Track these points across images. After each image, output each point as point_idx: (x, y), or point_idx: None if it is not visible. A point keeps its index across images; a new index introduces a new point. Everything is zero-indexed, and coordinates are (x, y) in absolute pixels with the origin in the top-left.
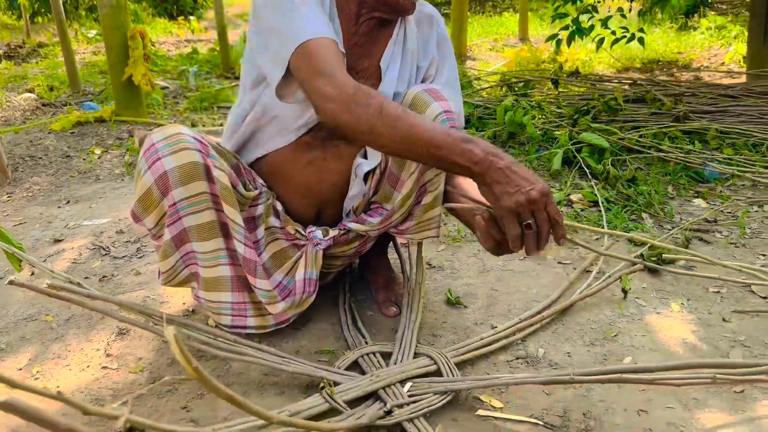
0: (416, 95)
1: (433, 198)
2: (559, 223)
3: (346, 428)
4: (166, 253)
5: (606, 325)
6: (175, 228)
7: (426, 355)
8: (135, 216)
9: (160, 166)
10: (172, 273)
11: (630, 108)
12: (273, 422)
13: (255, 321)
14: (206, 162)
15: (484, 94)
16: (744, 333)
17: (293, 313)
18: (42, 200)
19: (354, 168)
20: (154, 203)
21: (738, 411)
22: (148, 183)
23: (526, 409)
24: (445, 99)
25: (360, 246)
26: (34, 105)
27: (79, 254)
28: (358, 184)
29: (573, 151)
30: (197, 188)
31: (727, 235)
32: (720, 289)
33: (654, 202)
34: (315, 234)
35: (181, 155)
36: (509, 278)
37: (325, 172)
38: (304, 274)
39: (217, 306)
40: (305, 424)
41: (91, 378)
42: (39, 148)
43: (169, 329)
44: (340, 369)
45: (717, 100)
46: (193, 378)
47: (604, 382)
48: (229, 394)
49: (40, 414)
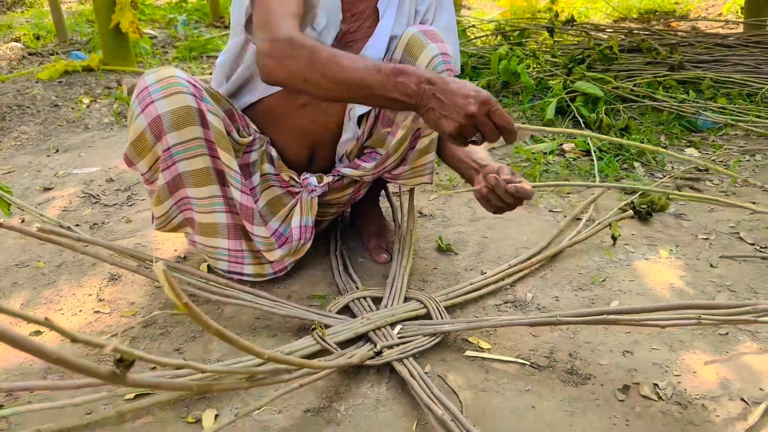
0: (413, 36)
1: (427, 142)
2: (507, 129)
3: (336, 367)
4: (159, 198)
5: (594, 271)
6: (169, 173)
7: (416, 299)
8: (128, 160)
9: (154, 109)
10: (166, 218)
11: (625, 57)
12: (265, 359)
13: (252, 269)
14: (200, 107)
15: (479, 43)
16: (731, 278)
17: (290, 261)
18: (30, 149)
19: (348, 110)
20: (148, 147)
21: (722, 352)
22: (142, 127)
23: (513, 350)
24: (443, 41)
25: (354, 193)
26: (20, 54)
27: (70, 202)
28: (352, 128)
29: (567, 100)
30: (191, 133)
31: (717, 184)
32: (709, 236)
33: (646, 151)
34: (309, 181)
35: (175, 99)
36: (500, 226)
37: (319, 114)
38: (299, 221)
39: (213, 251)
40: (297, 362)
41: (84, 322)
42: (26, 98)
43: (158, 265)
44: (332, 313)
45: (713, 49)
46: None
47: (590, 323)
48: (220, 330)
49: (29, 342)
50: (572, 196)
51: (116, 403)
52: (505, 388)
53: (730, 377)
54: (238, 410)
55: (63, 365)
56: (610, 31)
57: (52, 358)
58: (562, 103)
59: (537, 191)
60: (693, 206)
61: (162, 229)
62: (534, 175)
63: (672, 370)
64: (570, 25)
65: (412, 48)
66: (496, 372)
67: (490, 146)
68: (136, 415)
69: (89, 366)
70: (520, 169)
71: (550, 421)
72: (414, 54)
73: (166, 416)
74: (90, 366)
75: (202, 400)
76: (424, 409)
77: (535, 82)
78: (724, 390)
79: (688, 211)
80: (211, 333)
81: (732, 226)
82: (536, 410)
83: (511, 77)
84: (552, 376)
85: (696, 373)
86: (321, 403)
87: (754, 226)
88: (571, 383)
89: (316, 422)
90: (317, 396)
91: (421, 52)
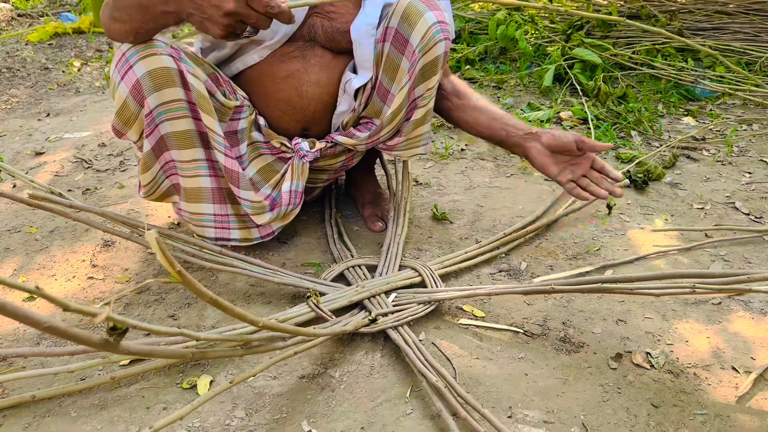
0: (410, 3)
1: (423, 114)
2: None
3: (331, 334)
4: (146, 165)
5: (589, 240)
6: (153, 137)
7: (410, 267)
8: (116, 131)
9: (132, 74)
10: (153, 185)
11: (624, 24)
12: (259, 327)
13: (239, 234)
14: (179, 67)
15: (476, 8)
16: (725, 248)
17: (278, 226)
18: (21, 113)
19: (343, 83)
20: (133, 115)
21: (714, 321)
22: (124, 94)
23: (506, 318)
24: (440, 9)
25: (347, 160)
26: (9, 15)
27: (62, 167)
28: (347, 100)
29: (565, 67)
30: (172, 95)
31: (714, 153)
32: (704, 205)
33: (644, 120)
34: (301, 146)
35: (152, 60)
36: (495, 194)
37: (307, 85)
38: (290, 186)
39: (198, 217)
40: (292, 329)
41: (78, 288)
42: (16, 60)
43: (151, 233)
44: (326, 281)
45: (713, 17)
46: (177, 282)
47: (584, 291)
48: (214, 298)
49: (19, 310)
50: None
51: (111, 369)
52: (498, 356)
53: (722, 346)
54: (233, 376)
55: (55, 333)
56: None
57: (43, 326)
58: (559, 70)
59: None
60: (688, 175)
61: (149, 197)
62: None
63: (665, 339)
64: None
65: (409, 15)
66: (490, 340)
67: None
68: (130, 380)
69: (82, 334)
70: None
71: (542, 389)
72: (411, 21)
73: (160, 382)
74: (82, 334)
75: (197, 366)
76: (418, 376)
77: (533, 48)
78: (716, 359)
79: (684, 180)
80: (205, 301)
81: (727, 195)
82: (529, 377)
83: (509, 43)
84: (545, 344)
85: (688, 342)
86: (316, 370)
87: (749, 195)
88: (564, 351)
89: (310, 388)
90: (312, 362)
91: (419, 20)
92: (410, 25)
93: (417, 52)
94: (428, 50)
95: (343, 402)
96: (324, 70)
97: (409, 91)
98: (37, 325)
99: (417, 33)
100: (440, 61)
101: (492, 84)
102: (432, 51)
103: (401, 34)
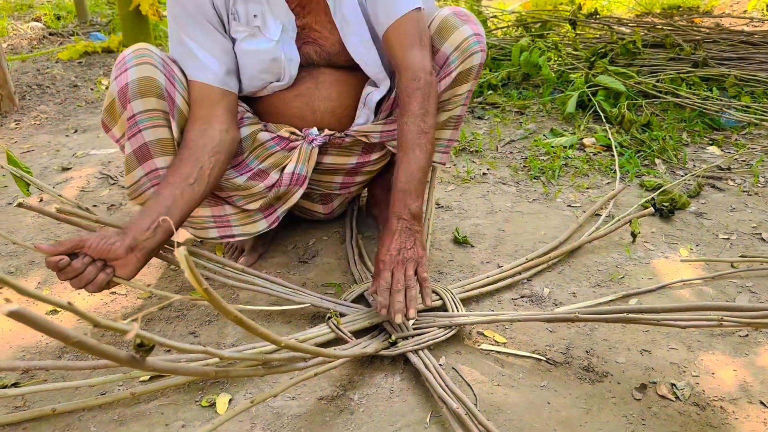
0: (445, 18)
1: (446, 117)
2: None
3: (351, 356)
4: (129, 167)
5: (613, 268)
6: (135, 141)
7: (432, 290)
8: (104, 125)
9: (125, 77)
10: (136, 188)
11: (648, 52)
12: (281, 347)
13: (241, 229)
14: (166, 81)
15: (500, 34)
16: (752, 279)
17: (282, 210)
18: (50, 129)
19: (363, 97)
20: (118, 114)
21: (741, 354)
22: (114, 94)
23: (529, 345)
24: (474, 22)
25: (361, 157)
26: (40, 34)
27: (87, 183)
28: (366, 114)
29: (588, 94)
30: (154, 104)
31: (740, 183)
32: (730, 235)
33: (668, 148)
34: (310, 131)
35: (143, 68)
36: (517, 219)
37: (318, 101)
38: (293, 168)
39: (198, 221)
40: (313, 350)
41: (100, 302)
42: (46, 77)
43: (181, 249)
44: (346, 301)
45: (737, 47)
46: (202, 299)
47: (609, 321)
48: (239, 317)
49: (49, 324)
50: (591, 191)
51: (131, 384)
52: (520, 383)
53: (749, 380)
54: (252, 395)
55: (83, 349)
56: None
57: (72, 341)
58: (583, 97)
59: (555, 186)
60: (714, 205)
61: (135, 200)
62: (553, 169)
63: (690, 371)
64: (593, 19)
65: (444, 28)
66: (512, 366)
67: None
68: (150, 397)
69: (109, 350)
70: (539, 163)
71: (565, 418)
72: (445, 34)
73: (180, 399)
74: (110, 350)
75: (217, 385)
76: (438, 402)
77: (556, 75)
78: (743, 392)
79: (709, 209)
80: (230, 319)
81: (753, 226)
82: (551, 406)
83: (532, 69)
84: (568, 373)
85: (714, 375)
86: (335, 392)
87: None
88: (588, 380)
89: (329, 410)
90: (331, 384)
91: (453, 32)
92: (443, 37)
93: (451, 60)
94: (465, 59)
95: (361, 425)
96: (334, 85)
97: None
98: (66, 339)
99: (451, 43)
100: (474, 70)
101: (514, 109)
102: (469, 60)
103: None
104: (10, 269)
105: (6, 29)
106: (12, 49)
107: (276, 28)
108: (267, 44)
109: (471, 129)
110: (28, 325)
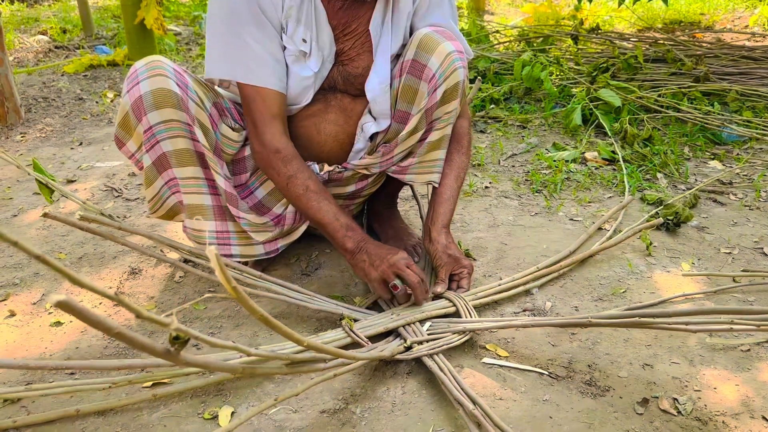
0: (426, 34)
1: (439, 137)
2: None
3: (370, 358)
4: (149, 179)
5: (615, 282)
6: (154, 152)
7: (445, 298)
8: (118, 140)
9: (137, 90)
10: (158, 200)
11: (649, 67)
12: (304, 347)
13: (240, 249)
14: (180, 91)
15: (502, 49)
16: (753, 294)
17: (283, 244)
18: (55, 141)
19: (361, 124)
20: (132, 127)
21: (743, 369)
22: (126, 107)
23: (531, 359)
24: (456, 40)
25: (358, 186)
26: (46, 47)
27: (92, 195)
28: (364, 139)
29: (591, 107)
30: (171, 114)
31: (741, 198)
32: (732, 250)
33: (669, 162)
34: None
35: (156, 80)
36: (519, 233)
37: (325, 123)
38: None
39: (201, 234)
40: (334, 351)
41: (105, 314)
42: (52, 90)
43: (211, 249)
44: (361, 308)
45: (739, 62)
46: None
47: (622, 325)
48: (264, 316)
49: (94, 315)
50: (593, 205)
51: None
52: (522, 397)
53: (751, 395)
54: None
55: (122, 340)
56: (634, 41)
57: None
58: (585, 111)
59: (557, 199)
60: (715, 219)
61: (155, 214)
62: (555, 183)
63: (692, 385)
64: (594, 34)
65: (427, 44)
66: (514, 380)
67: (528, 147)
68: (152, 409)
69: (147, 342)
70: (542, 177)
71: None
72: (429, 48)
73: (182, 411)
74: (147, 342)
75: (219, 397)
76: (454, 404)
77: (558, 89)
78: (745, 407)
79: (711, 224)
80: (256, 317)
81: (755, 240)
82: (554, 420)
83: (534, 84)
84: (570, 387)
85: (716, 389)
86: (337, 405)
87: None
88: (590, 395)
89: (331, 423)
90: (333, 397)
91: (437, 47)
92: (427, 52)
93: (437, 76)
94: (448, 76)
95: None
96: (342, 111)
97: (427, 113)
98: (108, 330)
99: (436, 58)
100: (459, 87)
101: (516, 123)
102: (452, 77)
103: (418, 62)
104: (15, 281)
105: (12, 42)
106: (18, 62)
107: (317, 60)
108: (306, 73)
109: (473, 143)
110: (73, 315)
